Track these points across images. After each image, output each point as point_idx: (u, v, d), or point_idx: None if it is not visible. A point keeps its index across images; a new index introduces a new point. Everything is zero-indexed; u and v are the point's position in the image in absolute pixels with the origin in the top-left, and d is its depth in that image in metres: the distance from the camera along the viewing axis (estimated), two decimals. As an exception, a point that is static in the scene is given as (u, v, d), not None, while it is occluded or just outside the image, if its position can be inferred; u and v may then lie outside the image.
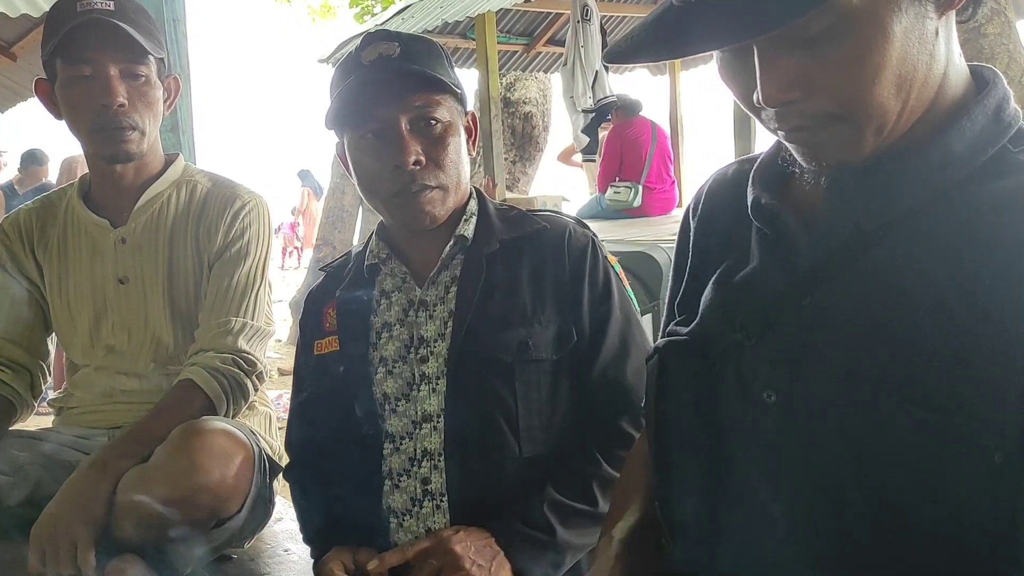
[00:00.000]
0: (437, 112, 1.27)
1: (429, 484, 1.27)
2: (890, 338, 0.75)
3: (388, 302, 1.35)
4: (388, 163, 1.26)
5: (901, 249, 0.77)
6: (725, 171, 1.01)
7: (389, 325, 1.34)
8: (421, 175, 1.26)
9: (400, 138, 1.25)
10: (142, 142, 1.58)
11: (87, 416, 1.66)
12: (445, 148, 1.28)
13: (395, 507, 1.29)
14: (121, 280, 1.63)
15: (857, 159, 0.77)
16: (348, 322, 1.35)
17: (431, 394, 1.28)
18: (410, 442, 1.28)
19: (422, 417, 1.28)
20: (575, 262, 1.32)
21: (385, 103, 1.26)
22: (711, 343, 0.90)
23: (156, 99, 1.58)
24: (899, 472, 0.75)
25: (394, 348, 1.32)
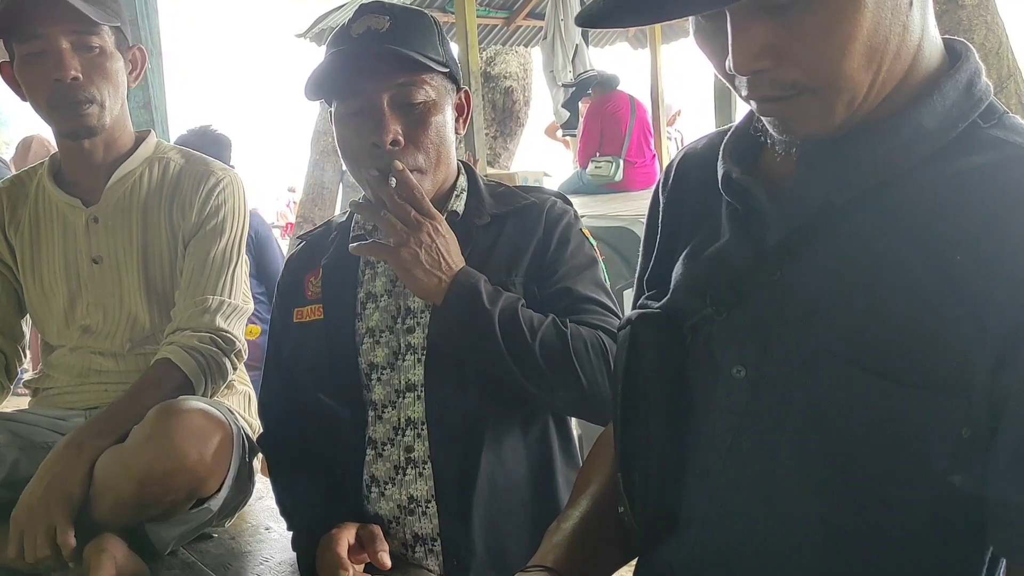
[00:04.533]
0: (421, 91, 1.27)
1: (412, 452, 1.29)
2: (859, 313, 0.76)
3: (373, 272, 1.37)
4: (366, 140, 1.25)
5: (871, 224, 0.78)
6: (695, 145, 1.01)
7: (375, 296, 1.35)
8: (399, 155, 1.25)
9: (380, 116, 1.25)
10: (103, 115, 1.55)
11: (64, 397, 1.65)
12: (426, 129, 1.27)
13: (378, 475, 1.31)
14: (95, 259, 1.61)
15: (827, 131, 0.77)
16: (333, 291, 1.36)
17: (416, 364, 1.30)
18: (393, 411, 1.31)
19: (406, 386, 1.30)
20: (550, 229, 1.33)
21: (368, 79, 1.25)
22: (682, 317, 0.90)
23: (115, 70, 1.55)
24: (868, 447, 0.76)
25: (380, 318, 1.34)
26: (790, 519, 0.81)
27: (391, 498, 1.31)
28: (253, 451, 1.55)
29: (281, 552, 1.44)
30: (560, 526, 0.99)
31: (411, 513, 1.30)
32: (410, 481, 1.30)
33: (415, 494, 1.29)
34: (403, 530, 1.31)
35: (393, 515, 1.31)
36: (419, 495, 1.29)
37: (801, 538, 0.81)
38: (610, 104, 6.29)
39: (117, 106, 1.58)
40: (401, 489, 1.30)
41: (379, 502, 1.32)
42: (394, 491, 1.30)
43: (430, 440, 1.29)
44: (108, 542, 1.29)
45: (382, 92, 1.25)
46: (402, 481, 1.30)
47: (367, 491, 1.33)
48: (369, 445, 1.32)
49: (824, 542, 0.80)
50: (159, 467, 1.27)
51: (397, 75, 1.25)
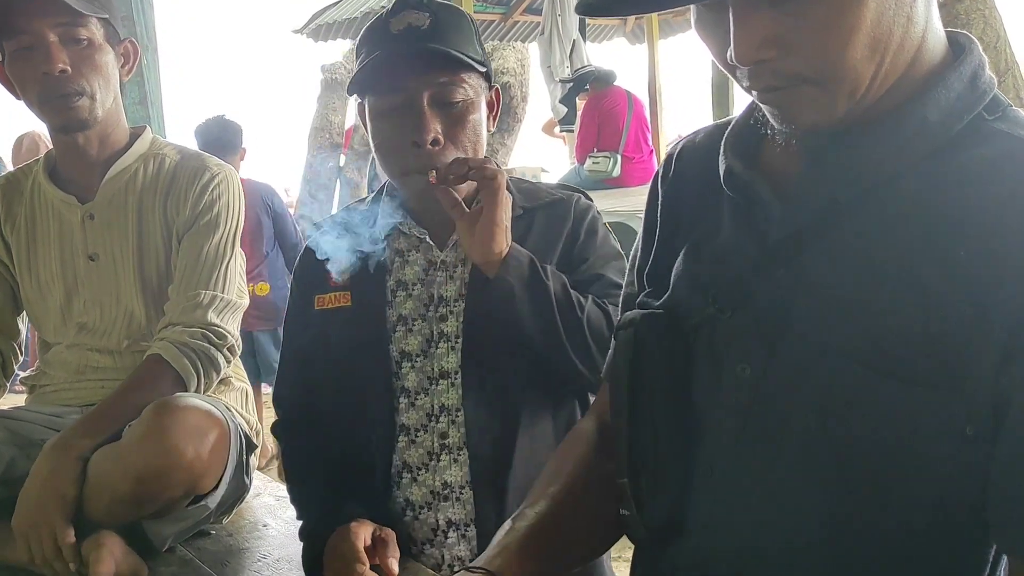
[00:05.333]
0: (460, 90, 1.28)
1: (447, 438, 1.32)
2: (864, 310, 0.75)
3: (403, 261, 1.38)
4: (406, 138, 1.27)
5: (875, 219, 0.77)
6: (695, 136, 1.00)
7: (406, 284, 1.37)
8: (437, 154, 1.26)
9: (421, 115, 1.26)
10: (94, 107, 1.53)
11: (60, 394, 1.64)
12: (464, 127, 1.29)
13: (410, 461, 1.33)
14: (91, 256, 1.60)
15: (829, 122, 0.76)
16: (363, 279, 1.36)
17: (449, 351, 1.33)
18: (426, 398, 1.33)
19: (439, 373, 1.33)
20: (578, 221, 1.38)
21: (410, 78, 1.26)
22: (684, 316, 0.89)
23: (104, 63, 1.54)
24: (872, 444, 0.75)
25: (413, 306, 1.35)
26: (795, 517, 0.80)
27: (423, 484, 1.32)
28: (250, 448, 1.54)
29: (279, 548, 1.44)
30: (514, 525, 0.95)
31: (445, 499, 1.32)
32: (444, 467, 1.32)
33: (449, 480, 1.31)
34: (434, 515, 1.32)
35: (425, 501, 1.33)
36: (453, 481, 1.31)
37: (806, 536, 0.80)
38: (607, 100, 6.28)
39: (109, 99, 1.57)
40: (435, 475, 1.32)
41: (410, 488, 1.33)
42: (427, 477, 1.32)
43: (466, 426, 1.31)
44: (106, 539, 1.28)
45: (423, 90, 1.26)
46: (436, 467, 1.32)
47: (397, 477, 1.34)
48: (401, 432, 1.33)
49: (828, 540, 0.79)
50: (156, 464, 1.26)
51: (438, 74, 1.27)
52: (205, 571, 1.37)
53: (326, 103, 8.41)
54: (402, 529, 1.31)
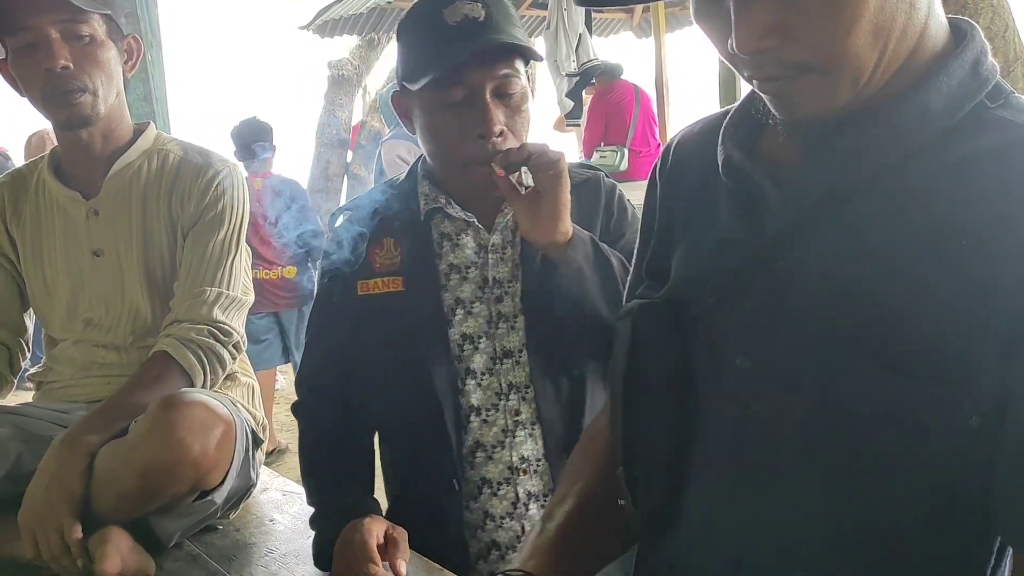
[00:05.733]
0: (518, 82, 1.30)
1: (520, 415, 1.37)
2: (864, 301, 0.74)
3: (452, 245, 1.40)
4: (471, 132, 1.29)
5: (876, 209, 0.76)
6: (693, 127, 1.00)
7: (458, 267, 1.39)
8: (500, 145, 1.28)
9: (486, 109, 1.28)
10: (96, 104, 1.53)
11: (67, 390, 1.65)
12: (521, 116, 1.32)
13: (484, 440, 1.37)
14: (96, 252, 1.61)
15: (831, 111, 0.76)
16: (414, 263, 1.37)
17: (510, 331, 1.37)
18: (492, 377, 1.37)
19: (503, 353, 1.37)
20: (610, 199, 1.44)
21: (474, 71, 1.27)
22: (683, 307, 0.89)
23: (107, 59, 1.54)
24: (874, 436, 0.75)
25: (470, 289, 1.38)
26: (795, 510, 0.80)
27: (500, 460, 1.37)
28: (256, 443, 1.54)
29: (286, 543, 1.44)
30: (544, 526, 0.97)
31: (523, 472, 1.37)
32: (520, 442, 1.37)
33: (526, 454, 1.37)
34: (514, 490, 1.37)
35: (503, 476, 1.37)
36: (530, 454, 1.37)
37: (806, 528, 0.79)
38: (614, 94, 6.26)
39: (111, 95, 1.57)
40: (511, 451, 1.36)
41: (486, 466, 1.37)
42: (503, 453, 1.37)
43: (536, 401, 1.36)
44: (112, 534, 1.29)
45: (486, 83, 1.28)
46: (512, 443, 1.36)
47: (470, 457, 1.37)
48: (472, 412, 1.37)
49: (830, 532, 0.78)
50: (162, 460, 1.27)
51: (499, 66, 1.28)
52: (212, 566, 1.37)
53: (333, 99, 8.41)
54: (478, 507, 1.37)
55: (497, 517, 1.37)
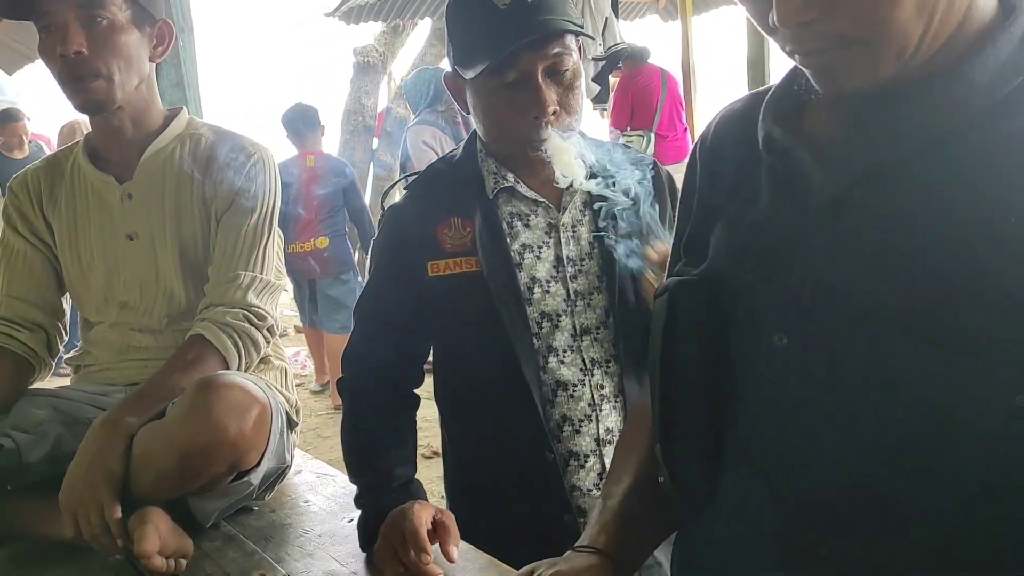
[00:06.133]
0: (570, 59, 1.31)
1: (604, 389, 1.40)
2: (908, 278, 0.73)
3: (523, 224, 1.41)
4: (526, 113, 1.30)
5: (920, 184, 0.75)
6: (734, 105, 0.98)
7: (531, 247, 1.40)
8: (554, 124, 1.30)
9: (539, 89, 1.29)
10: (111, 89, 1.53)
11: (104, 373, 1.67)
12: (576, 94, 1.34)
13: (571, 415, 1.39)
14: (130, 236, 1.62)
15: (875, 85, 0.74)
16: (488, 242, 1.38)
17: (587, 308, 1.40)
18: (574, 354, 1.39)
19: (582, 330, 1.40)
20: (665, 185, 1.46)
21: (526, 54, 1.28)
22: (721, 284, 0.88)
23: (126, 43, 1.52)
24: (916, 414, 0.73)
25: (546, 268, 1.40)
26: (834, 489, 0.79)
27: (587, 434, 1.39)
28: (291, 425, 1.56)
29: (320, 524, 1.45)
30: (606, 504, 0.99)
31: (609, 443, 1.40)
32: (606, 415, 1.40)
33: (611, 426, 1.40)
34: (600, 461, 1.40)
35: (590, 449, 1.40)
36: (614, 426, 1.41)
37: (845, 507, 0.79)
38: (641, 77, 6.22)
39: (131, 80, 1.56)
40: (598, 424, 1.39)
41: (573, 439, 1.39)
42: (590, 427, 1.39)
43: (620, 375, 1.40)
44: (152, 514, 1.30)
45: (538, 63, 1.29)
46: (598, 416, 1.39)
47: (558, 431, 1.39)
48: (560, 388, 1.39)
49: (869, 511, 0.77)
50: (200, 441, 1.28)
51: (551, 46, 1.29)
52: (249, 546, 1.39)
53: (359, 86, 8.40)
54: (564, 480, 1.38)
55: (584, 490, 1.39)
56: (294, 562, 1.32)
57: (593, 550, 0.94)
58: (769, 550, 0.84)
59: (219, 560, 1.34)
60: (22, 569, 1.37)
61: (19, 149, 6.32)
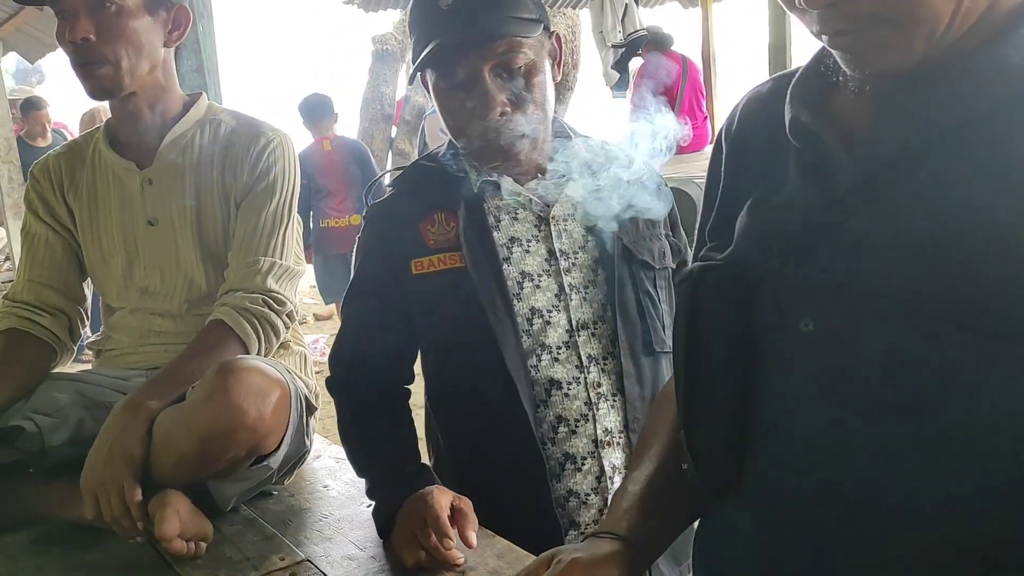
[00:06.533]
0: (521, 55, 1.27)
1: (601, 387, 1.34)
2: (938, 262, 0.72)
3: (510, 218, 1.37)
4: (473, 115, 1.27)
5: (951, 167, 0.73)
6: (760, 88, 0.97)
7: (520, 240, 1.36)
8: (508, 126, 1.26)
9: (485, 92, 1.25)
10: (118, 76, 1.53)
11: (125, 357, 1.68)
12: (531, 90, 1.28)
13: (566, 415, 1.34)
14: (150, 221, 1.63)
15: (905, 66, 0.73)
16: (472, 237, 1.34)
17: (583, 303, 1.35)
18: (569, 350, 1.34)
19: (578, 325, 1.34)
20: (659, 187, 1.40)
21: (469, 55, 1.25)
22: (746, 269, 0.87)
23: (134, 29, 1.52)
24: (946, 401, 0.72)
25: (535, 262, 1.35)
26: (861, 478, 0.78)
27: (584, 435, 1.33)
28: (310, 410, 1.56)
29: (339, 509, 1.46)
30: (628, 489, 0.98)
31: (608, 445, 1.34)
32: (604, 414, 1.34)
33: (609, 426, 1.34)
34: (598, 463, 1.34)
35: (588, 451, 1.34)
36: (613, 427, 1.34)
37: (871, 495, 0.78)
38: (662, 65, 6.18)
39: (141, 67, 1.55)
40: (595, 424, 1.33)
41: (569, 440, 1.33)
42: (587, 427, 1.33)
43: (619, 373, 1.34)
44: (172, 497, 1.31)
45: (482, 64, 1.25)
46: (595, 416, 1.33)
47: (553, 432, 1.34)
48: (554, 387, 1.33)
49: (895, 500, 0.76)
50: (220, 424, 1.29)
51: (496, 43, 1.25)
52: (268, 530, 1.40)
53: (377, 74, 8.41)
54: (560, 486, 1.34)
55: (582, 494, 1.34)
56: (313, 546, 1.32)
57: (614, 536, 0.93)
58: (793, 537, 0.83)
59: (239, 543, 1.35)
60: (43, 551, 1.38)
61: (42, 137, 6.39)
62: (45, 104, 6.51)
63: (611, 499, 1.00)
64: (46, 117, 6.44)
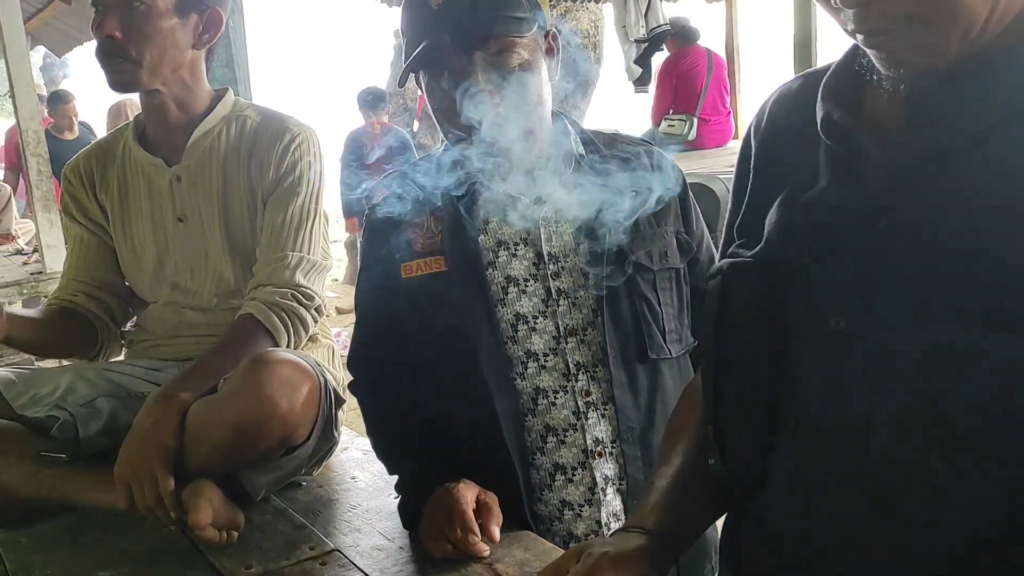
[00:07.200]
0: (514, 55, 1.23)
1: (590, 395, 1.30)
2: (976, 262, 0.71)
3: (498, 221, 1.33)
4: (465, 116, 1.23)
5: (986, 166, 0.73)
6: (790, 85, 0.97)
7: (507, 244, 1.33)
8: (504, 126, 1.23)
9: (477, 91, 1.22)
10: (138, 74, 1.55)
11: (157, 349, 1.70)
12: (525, 91, 1.25)
13: (554, 424, 1.30)
14: (180, 218, 1.65)
15: (941, 65, 0.73)
16: (456, 240, 1.31)
17: (571, 308, 1.30)
18: (556, 358, 1.30)
19: (566, 332, 1.30)
20: (678, 179, 1.35)
21: (458, 54, 1.22)
22: (777, 266, 0.87)
23: (161, 30, 1.54)
24: (978, 403, 0.72)
25: (523, 266, 1.32)
26: (888, 475, 0.78)
27: (573, 444, 1.30)
28: (339, 402, 1.58)
29: (367, 500, 1.47)
30: (655, 484, 0.99)
31: (599, 456, 1.30)
32: (594, 424, 1.30)
33: (600, 436, 1.30)
34: (590, 474, 1.30)
35: (578, 461, 1.30)
36: (604, 436, 1.30)
37: (901, 493, 0.78)
38: (687, 60, 6.14)
39: (164, 67, 1.58)
40: (584, 434, 1.29)
41: (558, 451, 1.30)
42: (576, 437, 1.30)
43: (610, 381, 1.29)
44: (204, 487, 1.33)
45: (475, 65, 1.22)
46: (584, 425, 1.29)
47: (540, 442, 1.30)
48: (540, 395, 1.30)
49: (926, 498, 0.76)
50: (252, 415, 1.31)
51: (487, 44, 1.22)
52: (298, 520, 1.41)
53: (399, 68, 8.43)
54: (552, 496, 1.31)
55: (575, 505, 1.30)
56: (342, 536, 1.34)
57: (642, 530, 0.93)
58: (822, 533, 0.83)
59: (269, 533, 1.37)
60: (78, 539, 1.41)
61: (69, 131, 6.44)
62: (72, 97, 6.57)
63: (642, 494, 1.00)
64: (73, 110, 6.50)
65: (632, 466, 1.30)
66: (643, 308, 1.30)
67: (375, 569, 1.22)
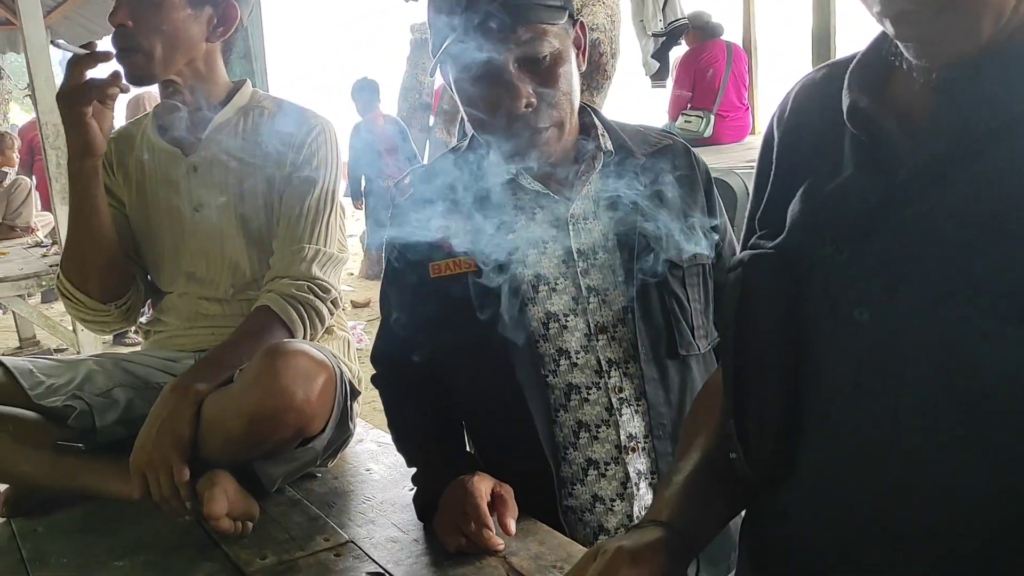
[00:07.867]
0: (545, 43, 1.22)
1: (623, 392, 1.30)
2: (998, 254, 0.70)
3: (527, 218, 1.32)
4: (499, 108, 1.23)
5: (1014, 155, 0.72)
6: (814, 75, 0.96)
7: (536, 242, 1.31)
8: (534, 118, 1.22)
9: (510, 83, 1.21)
10: (149, 66, 1.55)
11: (173, 340, 1.70)
12: (557, 82, 1.24)
13: (586, 420, 1.30)
14: (196, 208, 1.65)
15: (970, 51, 0.71)
16: (484, 240, 1.29)
17: (602, 305, 1.30)
18: (588, 355, 1.30)
19: (597, 329, 1.30)
20: (704, 175, 1.37)
21: (492, 45, 1.20)
22: (798, 257, 0.86)
23: (171, 21, 1.54)
24: (1000, 396, 0.71)
25: (552, 265, 1.31)
26: (912, 467, 0.77)
27: (606, 440, 1.29)
28: (354, 394, 1.57)
29: (382, 492, 1.47)
30: (672, 479, 0.98)
31: (632, 451, 1.30)
32: (627, 420, 1.29)
33: (633, 431, 1.30)
34: (623, 469, 1.30)
35: (611, 456, 1.30)
36: (637, 432, 1.30)
37: (923, 487, 0.77)
38: (706, 55, 6.09)
39: (175, 59, 1.57)
40: (618, 430, 1.29)
41: (591, 446, 1.30)
42: (609, 432, 1.29)
43: (642, 377, 1.29)
44: (220, 477, 1.33)
45: (507, 55, 1.20)
46: (617, 422, 1.29)
47: (574, 437, 1.30)
48: (572, 391, 1.30)
49: (946, 493, 0.75)
50: (268, 406, 1.30)
51: (519, 32, 1.20)
52: (313, 511, 1.41)
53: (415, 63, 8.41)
54: (584, 491, 1.30)
55: (607, 499, 1.30)
56: (357, 528, 1.34)
57: (656, 524, 0.92)
58: (844, 525, 0.82)
59: (284, 524, 1.37)
60: (94, 528, 1.41)
61: (87, 124, 6.46)
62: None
63: (656, 488, 0.99)
64: None
65: (664, 461, 1.29)
66: (673, 305, 1.30)
67: (389, 561, 1.22)
